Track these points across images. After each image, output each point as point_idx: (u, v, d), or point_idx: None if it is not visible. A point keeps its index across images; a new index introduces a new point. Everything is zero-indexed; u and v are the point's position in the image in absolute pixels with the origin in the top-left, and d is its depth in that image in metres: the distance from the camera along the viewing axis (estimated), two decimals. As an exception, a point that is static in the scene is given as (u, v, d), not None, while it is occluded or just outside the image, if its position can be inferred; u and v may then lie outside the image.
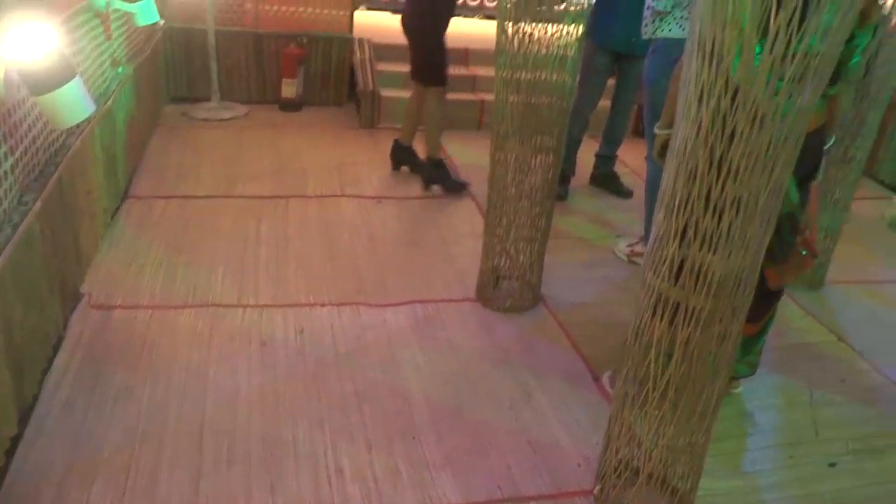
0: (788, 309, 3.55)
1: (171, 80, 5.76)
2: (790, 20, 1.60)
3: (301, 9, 5.88)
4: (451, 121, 5.55)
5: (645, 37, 3.63)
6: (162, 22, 4.98)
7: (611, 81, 4.66)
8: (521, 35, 2.95)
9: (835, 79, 2.27)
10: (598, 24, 4.13)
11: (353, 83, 5.95)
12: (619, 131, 4.80)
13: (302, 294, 3.29)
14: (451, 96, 4.64)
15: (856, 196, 3.91)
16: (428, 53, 4.37)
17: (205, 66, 5.67)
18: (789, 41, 1.63)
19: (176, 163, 4.59)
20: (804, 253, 2.61)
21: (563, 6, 2.91)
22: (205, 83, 5.72)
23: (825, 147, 2.51)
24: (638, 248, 3.87)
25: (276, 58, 5.82)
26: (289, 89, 5.77)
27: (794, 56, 1.65)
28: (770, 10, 1.61)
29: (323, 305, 3.21)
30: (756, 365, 2.81)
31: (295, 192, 4.34)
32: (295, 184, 4.46)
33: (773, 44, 1.63)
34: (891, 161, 5.52)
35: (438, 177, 4.56)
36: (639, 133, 5.67)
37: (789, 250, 2.59)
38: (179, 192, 4.18)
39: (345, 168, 4.79)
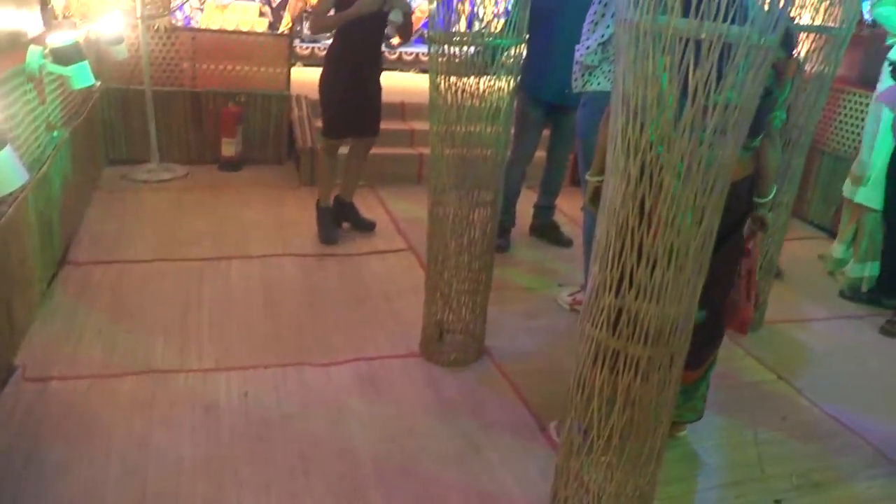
0: (729, 350, 3.63)
1: (109, 142, 5.72)
2: (707, 77, 1.68)
3: (238, 67, 5.92)
4: (390, 175, 5.62)
5: (575, 90, 3.73)
6: (98, 84, 4.96)
7: (547, 132, 4.76)
8: (453, 89, 3.01)
9: (756, 131, 2.37)
10: (531, 76, 4.21)
11: (292, 140, 5.97)
12: (556, 182, 4.90)
13: (245, 356, 3.25)
14: (388, 150, 4.70)
15: (787, 237, 4.05)
16: (322, 104, 4.49)
17: (143, 128, 5.65)
18: (708, 96, 1.70)
19: (115, 227, 4.53)
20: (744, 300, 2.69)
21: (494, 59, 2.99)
22: (144, 144, 5.68)
23: (768, 197, 2.57)
24: (579, 297, 3.93)
25: (214, 117, 5.83)
26: (228, 148, 5.77)
27: (713, 110, 1.73)
28: (688, 66, 1.69)
29: (267, 367, 3.17)
30: (701, 410, 2.85)
31: (237, 253, 4.31)
32: (236, 244, 4.43)
33: (693, 99, 1.71)
34: (817, 202, 5.73)
35: (318, 222, 4.65)
36: (576, 182, 5.78)
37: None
38: (119, 258, 4.12)
39: (286, 226, 4.79)
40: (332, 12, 4.22)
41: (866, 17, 4.34)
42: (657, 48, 1.71)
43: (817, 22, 3.68)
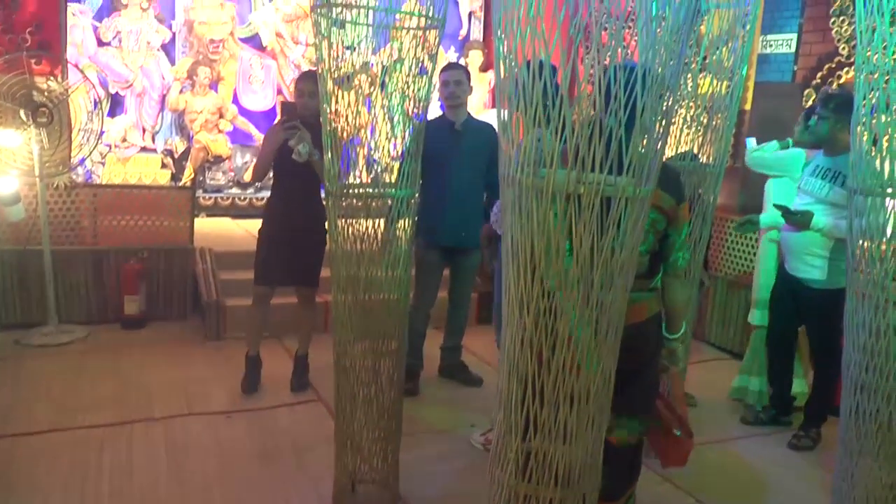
0: (645, 476, 3.64)
1: (1, 306, 5.50)
2: (590, 228, 1.78)
3: (141, 221, 5.89)
4: (296, 324, 5.55)
5: (501, 232, 3.85)
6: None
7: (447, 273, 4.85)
8: (352, 233, 3.08)
9: (654, 272, 2.49)
10: (427, 221, 4.30)
11: (197, 294, 5.89)
12: (460, 322, 4.96)
13: (149, 528, 3.07)
14: (293, 299, 4.67)
15: (692, 361, 4.19)
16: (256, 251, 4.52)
17: (40, 289, 5.47)
18: (592, 247, 1.80)
19: (6, 397, 4.30)
20: (678, 433, 2.73)
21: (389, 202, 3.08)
22: (40, 306, 5.49)
23: (678, 333, 2.66)
24: (491, 436, 3.91)
25: (116, 274, 5.72)
26: (131, 306, 5.64)
27: (599, 259, 1.83)
28: (572, 220, 1.79)
29: (172, 538, 3.01)
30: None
31: (140, 416, 4.14)
32: (140, 407, 4.27)
33: (578, 250, 1.80)
34: (717, 325, 5.97)
35: (246, 371, 4.58)
36: (482, 320, 5.89)
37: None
38: (9, 431, 3.89)
39: (192, 384, 4.65)
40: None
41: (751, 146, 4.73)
42: (540, 202, 1.81)
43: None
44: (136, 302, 5.65)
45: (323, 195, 3.96)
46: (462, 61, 8.68)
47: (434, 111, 4.64)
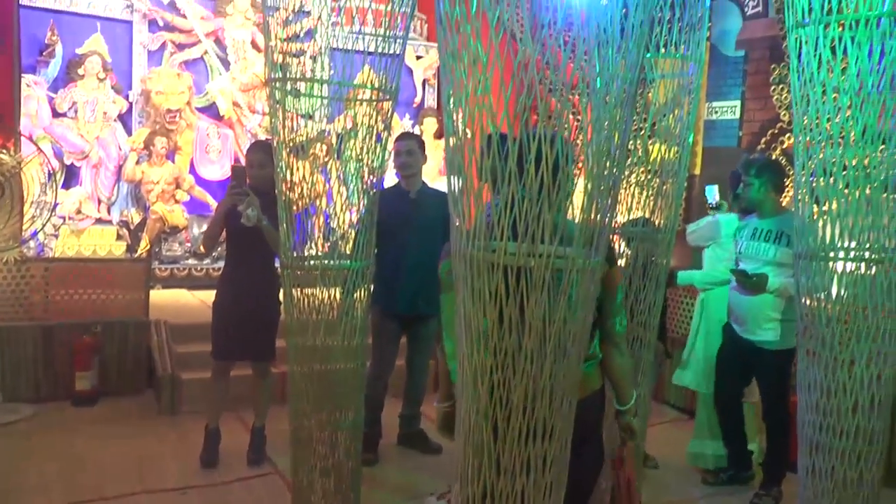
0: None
1: (-55, 385, 5.33)
2: (541, 299, 1.81)
3: (94, 295, 5.79)
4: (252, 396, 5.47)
5: None
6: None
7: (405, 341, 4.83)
8: (307, 300, 3.07)
9: (590, 338, 2.46)
10: (383, 290, 4.33)
11: (151, 369, 5.77)
12: (419, 390, 4.92)
13: None
14: (249, 371, 4.61)
15: (651, 423, 4.19)
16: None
17: (-16, 367, 5.32)
18: (544, 318, 1.82)
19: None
20: None
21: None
22: (-16, 385, 5.33)
23: (629, 404, 2.58)
24: (450, 496, 3.86)
25: (68, 350, 5.57)
26: (82, 382, 5.50)
27: (552, 331, 1.85)
28: (523, 291, 1.81)
29: None
30: None
31: (91, 497, 4.00)
32: (90, 487, 4.13)
33: (530, 324, 1.82)
34: (674, 385, 5.99)
35: (205, 445, 4.50)
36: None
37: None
38: (-50, 516, 3.74)
39: (146, 461, 4.53)
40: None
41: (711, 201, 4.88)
42: (491, 275, 1.83)
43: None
44: (87, 378, 5.51)
45: (277, 264, 3.96)
46: (417, 129, 8.82)
47: (392, 178, 4.71)
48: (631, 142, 4.18)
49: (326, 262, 3.12)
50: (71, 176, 7.67)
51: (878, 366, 3.09)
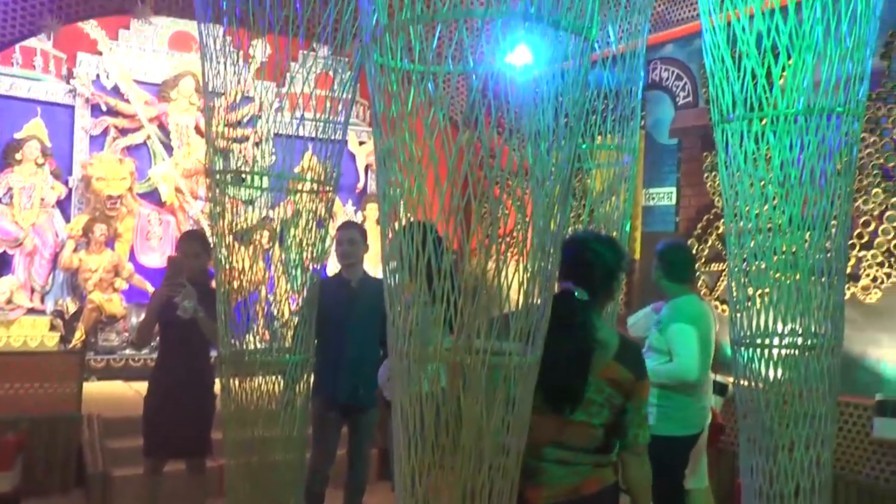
0: None
1: None
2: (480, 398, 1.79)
3: (22, 390, 5.54)
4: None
5: (388, 396, 3.78)
6: None
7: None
8: (245, 393, 3.00)
9: (610, 446, 2.42)
10: (324, 379, 4.25)
11: (82, 465, 5.52)
12: (360, 480, 4.77)
13: None
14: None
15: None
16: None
17: None
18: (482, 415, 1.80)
19: None
20: None
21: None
22: None
23: None
24: None
25: (-10, 449, 5.31)
26: (3, 483, 5.19)
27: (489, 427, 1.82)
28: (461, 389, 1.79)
29: None
30: None
31: None
32: None
33: (467, 422, 1.80)
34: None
35: None
36: (383, 476, 5.73)
37: None
38: None
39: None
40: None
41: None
42: (427, 372, 1.81)
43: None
44: (8, 478, 5.19)
45: (213, 355, 3.87)
46: (359, 214, 8.85)
47: (336, 266, 4.68)
48: (570, 228, 4.26)
49: (267, 356, 3.06)
50: (3, 264, 7.46)
51: (816, 449, 3.12)
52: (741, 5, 3.08)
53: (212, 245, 3.51)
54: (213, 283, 3.56)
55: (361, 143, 9.19)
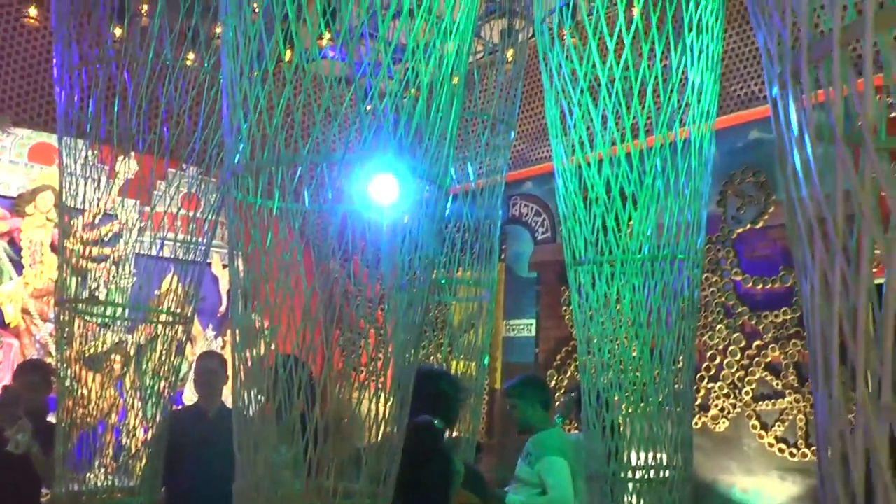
0: None
1: None
2: None
3: None
4: None
5: None
6: None
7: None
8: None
9: None
10: None
11: None
12: None
13: None
14: None
15: None
16: None
17: None
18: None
19: None
20: None
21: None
22: None
23: None
24: None
25: None
26: None
27: None
28: None
29: None
30: None
31: None
32: None
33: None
34: None
35: None
36: None
37: None
38: None
39: None
40: None
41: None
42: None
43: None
44: None
45: (44, 494, 3.57)
46: (220, 340, 8.58)
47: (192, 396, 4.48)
48: (432, 358, 4.30)
49: (108, 496, 2.86)
50: None
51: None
52: (590, 151, 3.29)
53: (56, 374, 3.30)
54: (52, 418, 3.33)
55: (225, 266, 8.98)
